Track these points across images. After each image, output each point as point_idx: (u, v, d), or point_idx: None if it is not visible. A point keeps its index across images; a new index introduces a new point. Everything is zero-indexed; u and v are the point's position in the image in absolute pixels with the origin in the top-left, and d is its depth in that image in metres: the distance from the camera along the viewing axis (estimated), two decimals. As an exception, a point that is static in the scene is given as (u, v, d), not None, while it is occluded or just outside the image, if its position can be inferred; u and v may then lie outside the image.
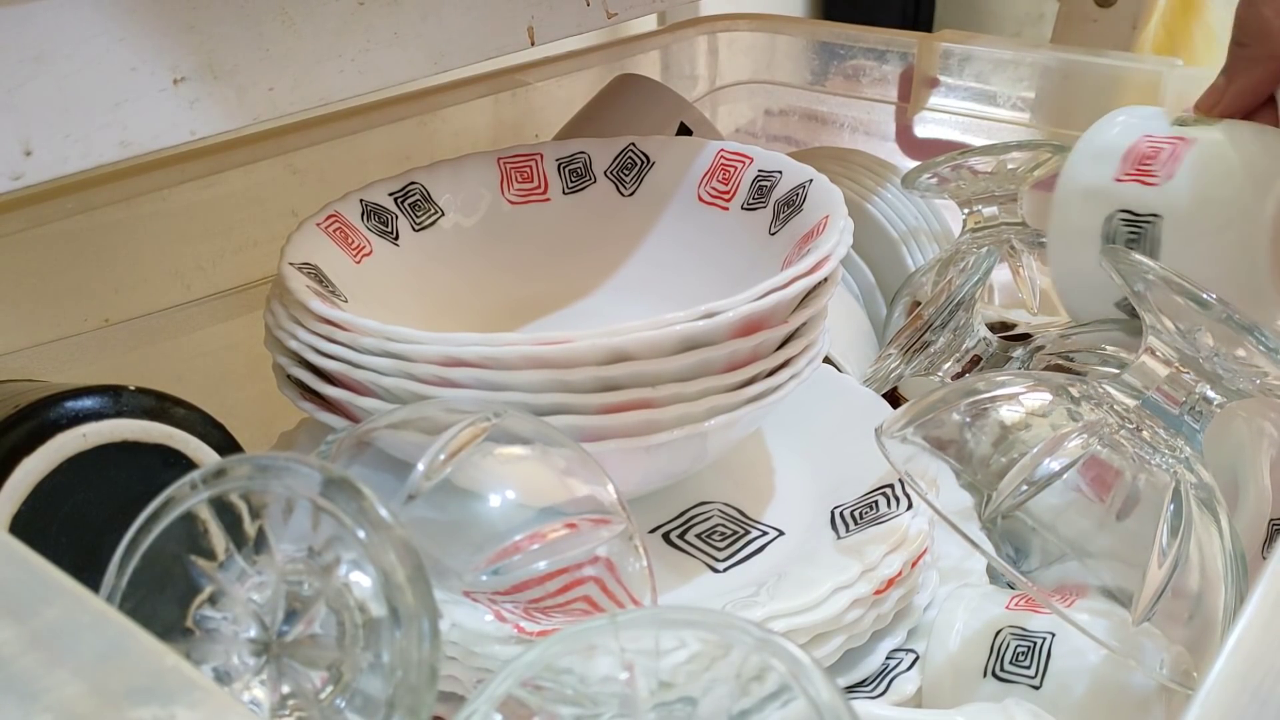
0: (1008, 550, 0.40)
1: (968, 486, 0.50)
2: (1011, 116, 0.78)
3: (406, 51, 0.41)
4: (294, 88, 0.37)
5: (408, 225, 0.53)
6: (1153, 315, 0.41)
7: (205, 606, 0.30)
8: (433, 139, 0.69)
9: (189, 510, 0.29)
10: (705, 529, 0.48)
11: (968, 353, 0.56)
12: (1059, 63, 0.76)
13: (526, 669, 0.26)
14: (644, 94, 0.70)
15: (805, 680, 0.25)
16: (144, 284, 0.57)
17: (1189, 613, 0.38)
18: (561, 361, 0.40)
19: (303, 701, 0.28)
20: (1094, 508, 0.40)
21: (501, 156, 0.56)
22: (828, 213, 0.48)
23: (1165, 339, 0.41)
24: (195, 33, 0.35)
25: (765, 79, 0.88)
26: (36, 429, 0.35)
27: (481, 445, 0.37)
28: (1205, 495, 0.40)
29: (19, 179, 0.32)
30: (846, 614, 0.41)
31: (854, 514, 0.46)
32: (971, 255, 0.59)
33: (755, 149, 0.54)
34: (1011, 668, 0.42)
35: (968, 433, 0.42)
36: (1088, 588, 0.39)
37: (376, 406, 0.41)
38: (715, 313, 0.41)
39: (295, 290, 0.43)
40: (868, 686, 0.43)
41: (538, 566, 0.36)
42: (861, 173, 0.72)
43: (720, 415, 0.42)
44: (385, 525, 0.28)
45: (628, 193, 0.56)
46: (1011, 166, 0.64)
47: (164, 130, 0.35)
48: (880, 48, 0.82)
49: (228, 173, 0.60)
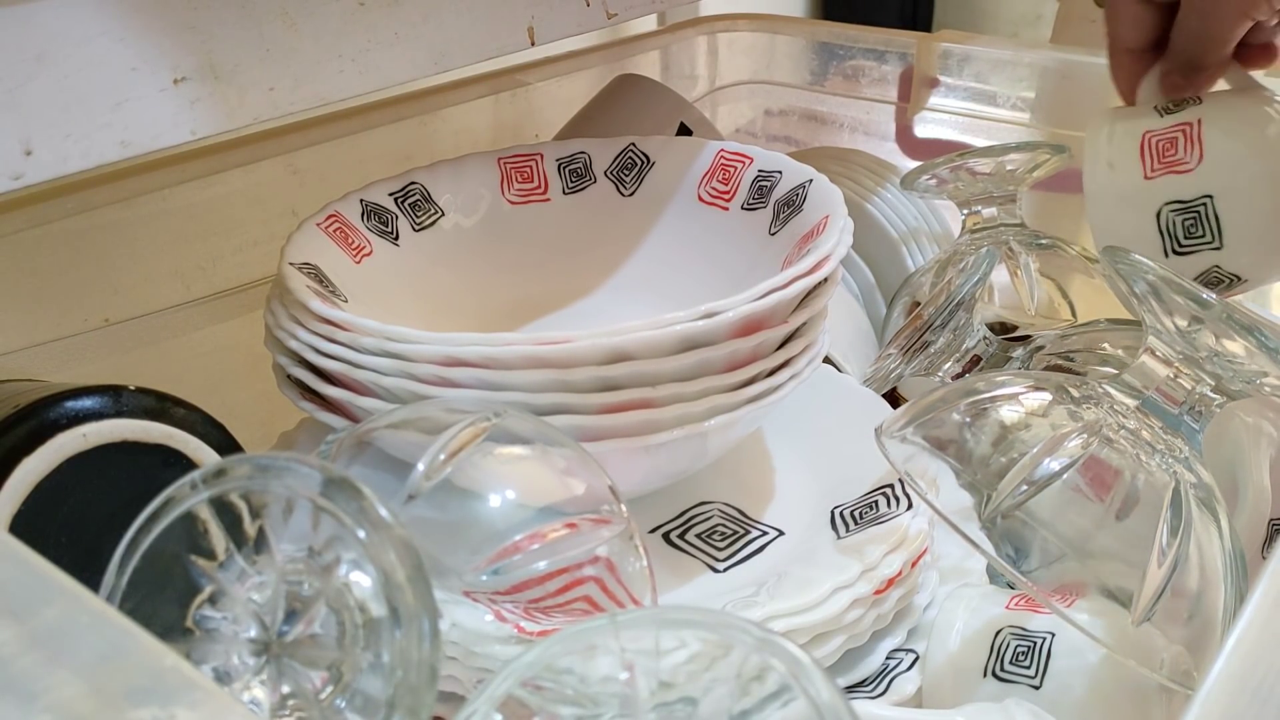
0: (1008, 550, 0.40)
1: (968, 486, 0.50)
2: (1011, 116, 0.78)
3: (406, 51, 0.41)
4: (294, 88, 0.37)
5: (408, 225, 0.53)
6: (1153, 315, 0.41)
7: (205, 606, 0.30)
8: (433, 139, 0.69)
9: (189, 510, 0.29)
10: (705, 529, 0.48)
11: (968, 353, 0.56)
12: (1058, 63, 0.76)
13: (526, 669, 0.26)
14: (644, 94, 0.70)
15: (805, 680, 0.25)
16: (144, 284, 0.57)
17: (1189, 613, 0.38)
18: (561, 361, 0.40)
19: (303, 701, 0.28)
20: (1094, 508, 0.40)
21: (501, 156, 0.56)
22: (828, 213, 0.48)
23: (1165, 339, 0.41)
24: (196, 33, 0.35)
25: (765, 79, 0.88)
26: (36, 429, 0.35)
27: (481, 445, 0.37)
28: (1205, 495, 0.40)
29: (19, 179, 0.32)
30: (846, 614, 0.41)
31: (854, 514, 0.46)
32: (971, 256, 0.59)
33: (755, 149, 0.54)
34: (1012, 668, 0.42)
35: (968, 433, 0.42)
36: (1087, 588, 0.39)
37: (376, 406, 0.41)
38: (715, 313, 0.41)
39: (295, 290, 0.43)
40: (868, 686, 0.43)
41: (538, 566, 0.36)
42: (861, 173, 0.72)
43: (720, 415, 0.42)
44: (385, 525, 0.28)
45: (628, 193, 0.56)
46: (1010, 168, 0.64)
47: (164, 130, 0.34)
48: (880, 48, 0.82)
49: (228, 173, 0.60)
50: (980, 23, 1.47)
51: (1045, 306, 0.63)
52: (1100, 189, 0.56)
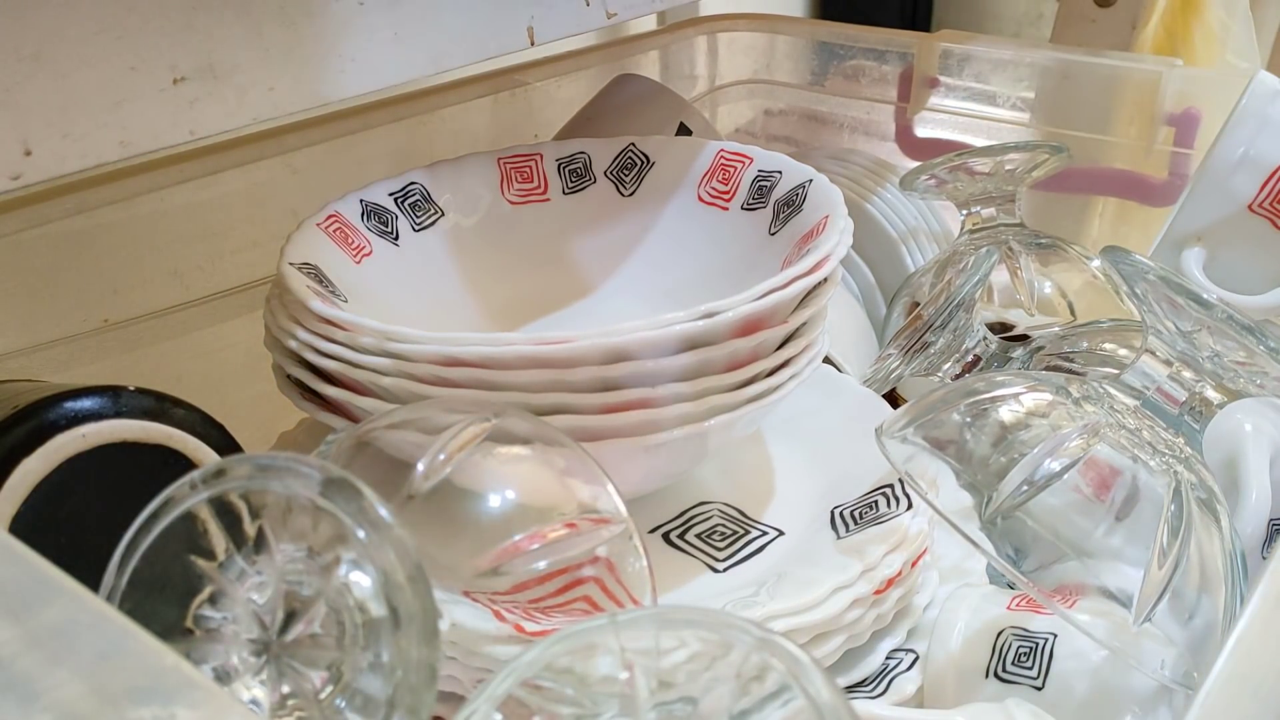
0: (1008, 550, 0.40)
1: (968, 486, 0.50)
2: (1011, 116, 0.78)
3: (406, 51, 0.41)
4: (294, 88, 0.37)
5: (408, 225, 0.53)
6: (1153, 315, 0.41)
7: (205, 606, 0.30)
8: (433, 139, 0.69)
9: (189, 510, 0.29)
10: (705, 529, 0.48)
11: (968, 353, 0.56)
12: (1058, 63, 0.76)
13: (526, 669, 0.26)
14: (644, 94, 0.70)
15: (805, 680, 0.25)
16: (143, 284, 0.57)
17: (1189, 613, 0.38)
18: (561, 361, 0.40)
19: (303, 701, 0.28)
20: (1094, 508, 0.40)
21: (501, 156, 0.56)
22: (828, 213, 0.48)
23: (1165, 339, 0.41)
24: (195, 32, 0.35)
25: (765, 79, 0.88)
26: (36, 429, 0.35)
27: (481, 445, 0.37)
28: (1205, 495, 0.40)
29: (18, 179, 0.32)
30: (846, 614, 0.41)
31: (854, 514, 0.46)
32: (971, 256, 0.59)
33: (755, 149, 0.54)
34: (1013, 668, 0.42)
35: (968, 433, 0.42)
36: (1088, 588, 0.39)
37: (376, 406, 0.41)
38: (715, 313, 0.41)
39: (295, 290, 0.43)
40: (868, 686, 0.43)
41: (538, 566, 0.36)
42: (861, 173, 0.72)
43: (720, 415, 0.42)
44: (385, 525, 0.28)
45: (628, 193, 0.56)
46: (1010, 168, 0.64)
47: (164, 130, 0.34)
48: (880, 48, 0.82)
49: (228, 173, 0.60)
50: (980, 23, 1.47)
51: (1045, 306, 0.63)
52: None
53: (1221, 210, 0.58)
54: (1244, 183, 0.57)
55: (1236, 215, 0.58)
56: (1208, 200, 0.59)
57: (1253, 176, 0.57)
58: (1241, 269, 0.59)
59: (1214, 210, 0.59)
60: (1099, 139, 0.74)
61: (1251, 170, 0.57)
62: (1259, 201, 0.57)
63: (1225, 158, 0.58)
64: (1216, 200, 0.58)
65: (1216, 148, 0.58)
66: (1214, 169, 0.58)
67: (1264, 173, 0.57)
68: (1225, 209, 0.58)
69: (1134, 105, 0.73)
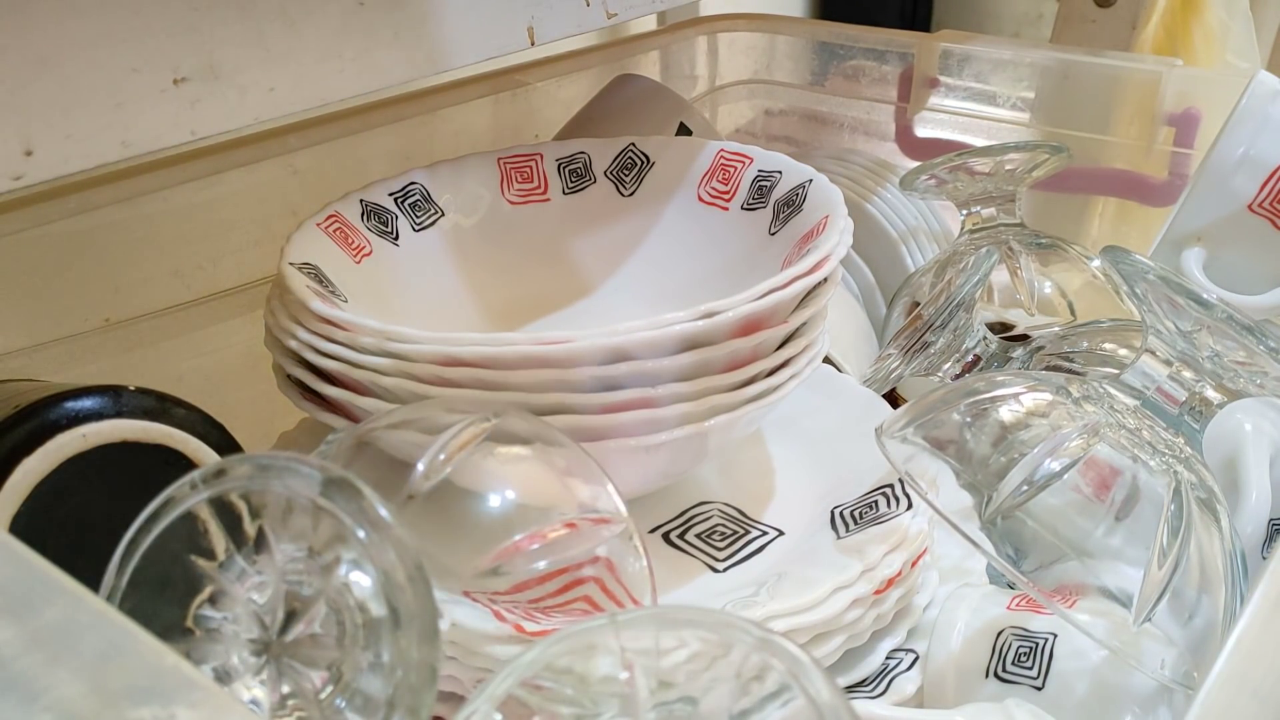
0: (1008, 550, 0.40)
1: (968, 486, 0.50)
2: (1011, 116, 0.78)
3: (406, 51, 0.41)
4: (294, 88, 0.37)
5: (408, 225, 0.53)
6: (1153, 315, 0.41)
7: (205, 606, 0.30)
8: (433, 139, 0.69)
9: (189, 510, 0.29)
10: (705, 529, 0.48)
11: (968, 353, 0.56)
12: (1058, 63, 0.76)
13: (526, 669, 0.26)
14: (644, 94, 0.70)
15: (805, 680, 0.25)
16: (144, 284, 0.57)
17: (1189, 613, 0.38)
18: (561, 361, 0.40)
19: (303, 701, 0.28)
20: (1094, 508, 0.40)
21: (501, 156, 0.56)
22: (828, 213, 0.48)
23: (1165, 339, 0.41)
24: (196, 33, 0.35)
25: (765, 79, 0.88)
26: (36, 429, 0.35)
27: (481, 445, 0.37)
28: (1205, 495, 0.40)
29: (20, 179, 0.32)
30: (846, 614, 0.41)
31: (854, 514, 0.46)
32: (971, 256, 0.59)
33: (755, 149, 0.54)
34: (1013, 668, 0.42)
35: (968, 433, 0.42)
36: (1088, 588, 0.39)
37: (376, 406, 0.41)
38: (715, 313, 0.41)
39: (295, 290, 0.43)
40: (868, 686, 0.43)
41: (538, 566, 0.36)
42: (861, 173, 0.72)
43: (720, 415, 0.42)
44: (385, 525, 0.28)
45: (628, 193, 0.56)
46: (1010, 168, 0.64)
47: (165, 130, 0.34)
48: (880, 48, 0.82)
49: (228, 173, 0.60)
50: (980, 23, 1.47)
51: (1045, 306, 0.63)
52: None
53: (1221, 210, 0.58)
54: (1244, 182, 0.57)
55: (1236, 215, 0.58)
56: (1208, 200, 0.59)
57: (1253, 176, 0.57)
58: (1241, 269, 0.59)
59: (1214, 210, 0.59)
60: (1099, 139, 0.74)
61: (1251, 170, 0.57)
62: (1259, 201, 0.57)
63: (1225, 158, 0.58)
64: (1216, 200, 0.58)
65: (1216, 148, 0.58)
66: (1214, 169, 0.58)
67: (1264, 172, 0.57)
68: (1225, 209, 0.58)
69: (1134, 105, 0.73)
